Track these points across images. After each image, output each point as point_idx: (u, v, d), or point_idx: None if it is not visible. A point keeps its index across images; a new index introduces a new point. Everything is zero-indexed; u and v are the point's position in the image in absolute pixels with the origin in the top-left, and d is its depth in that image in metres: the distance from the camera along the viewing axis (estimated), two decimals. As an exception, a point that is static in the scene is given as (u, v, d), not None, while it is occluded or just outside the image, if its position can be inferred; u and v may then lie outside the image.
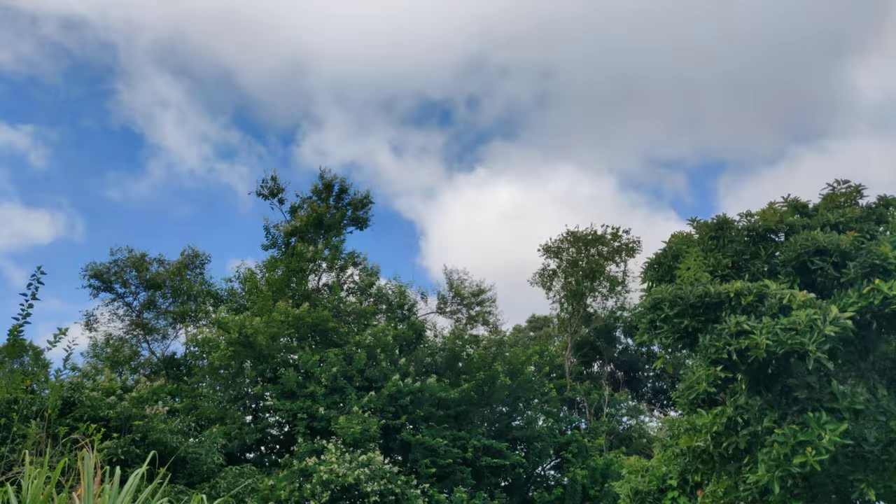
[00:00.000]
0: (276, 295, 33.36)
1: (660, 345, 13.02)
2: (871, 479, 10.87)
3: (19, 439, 13.02)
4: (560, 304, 41.33)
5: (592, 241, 40.25)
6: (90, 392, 20.05)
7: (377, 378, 30.07)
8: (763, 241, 13.79)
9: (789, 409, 11.20)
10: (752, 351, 10.57)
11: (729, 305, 11.56)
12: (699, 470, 13.22)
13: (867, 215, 13.74)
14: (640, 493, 14.55)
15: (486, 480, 30.97)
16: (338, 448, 25.22)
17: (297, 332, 31.35)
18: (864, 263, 11.82)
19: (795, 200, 14.53)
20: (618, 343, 43.92)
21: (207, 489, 21.06)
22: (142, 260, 36.80)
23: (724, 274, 13.34)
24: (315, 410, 28.13)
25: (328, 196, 37.94)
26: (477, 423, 32.11)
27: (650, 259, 14.68)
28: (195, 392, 31.61)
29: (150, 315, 37.78)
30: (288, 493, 23.61)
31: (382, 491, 24.12)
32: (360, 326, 33.96)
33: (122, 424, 19.28)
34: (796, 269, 12.60)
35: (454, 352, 33.35)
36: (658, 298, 11.97)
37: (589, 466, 31.83)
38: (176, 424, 21.30)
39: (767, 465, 10.64)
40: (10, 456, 11.66)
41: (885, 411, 11.34)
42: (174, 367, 36.84)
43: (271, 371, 30.26)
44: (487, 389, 31.72)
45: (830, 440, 10.21)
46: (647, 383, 46.48)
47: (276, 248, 37.43)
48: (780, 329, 10.54)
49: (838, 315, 10.69)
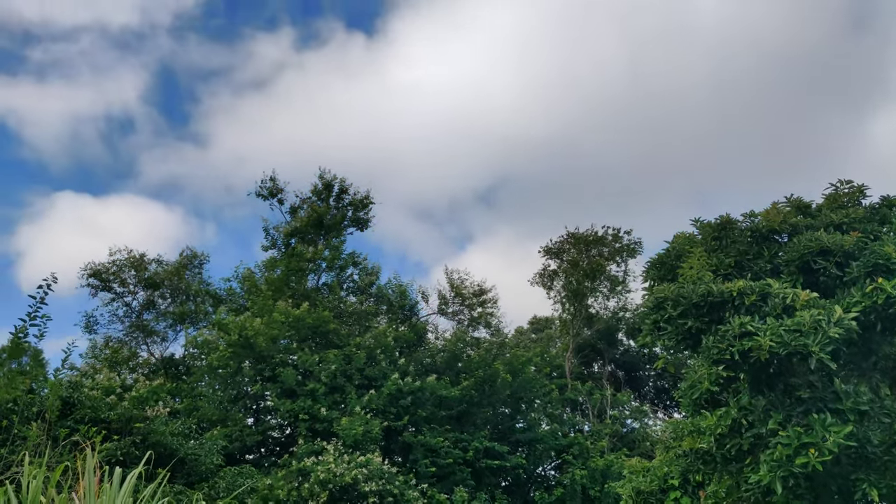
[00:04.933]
0: (275, 295, 33.29)
1: (663, 346, 12.97)
2: (873, 479, 10.80)
3: (19, 441, 12.94)
4: (561, 304, 41.26)
5: (593, 242, 40.17)
6: (89, 391, 19.97)
7: (377, 377, 30.00)
8: (766, 242, 13.75)
9: (793, 410, 11.14)
10: (755, 352, 10.51)
11: (732, 305, 11.51)
12: (701, 470, 13.17)
13: (870, 215, 13.73)
14: (642, 494, 14.50)
15: (486, 481, 30.89)
16: (337, 449, 25.16)
17: (297, 333, 31.28)
18: (867, 263, 11.79)
19: (798, 200, 14.50)
20: (619, 345, 43.82)
21: (206, 489, 20.98)
22: (141, 260, 36.74)
23: (727, 273, 13.29)
24: (317, 411, 28.06)
25: (328, 196, 37.86)
26: (479, 425, 32.03)
27: (652, 259, 14.64)
28: (194, 392, 31.52)
29: (149, 316, 37.73)
30: (286, 492, 23.55)
31: (381, 491, 24.04)
32: (362, 328, 33.89)
33: (123, 426, 19.20)
34: (800, 269, 12.56)
35: (455, 353, 33.27)
36: (661, 297, 11.91)
37: (589, 467, 31.76)
38: (177, 426, 21.21)
39: (769, 466, 10.58)
40: (10, 457, 11.59)
41: (888, 412, 11.28)
42: (173, 367, 36.78)
43: (270, 370, 30.20)
44: (488, 389, 31.64)
45: (835, 442, 10.15)
46: (649, 382, 46.38)
47: (276, 248, 37.41)
48: (784, 330, 10.49)
49: (842, 316, 10.64)
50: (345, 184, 37.95)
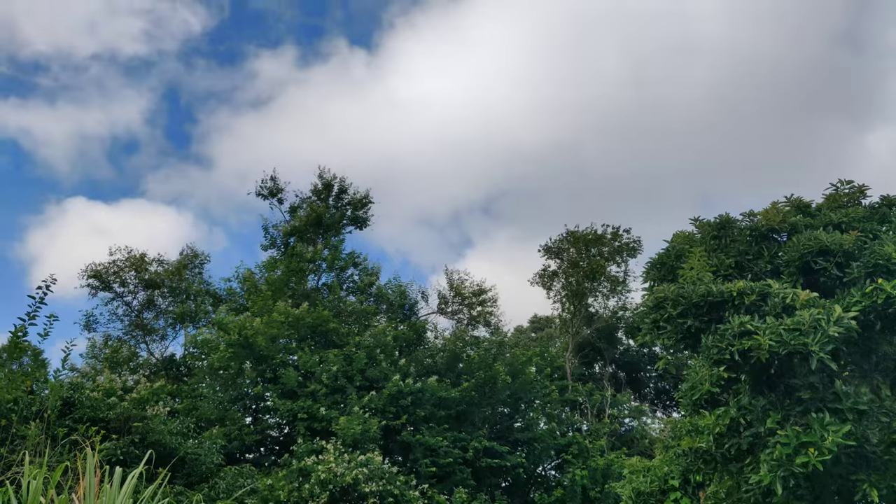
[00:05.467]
0: (275, 295, 33.28)
1: (662, 345, 12.97)
2: (874, 479, 10.80)
3: (19, 440, 12.93)
4: (561, 303, 41.24)
5: (593, 241, 40.15)
6: (90, 393, 19.95)
7: (378, 378, 29.99)
8: (766, 241, 13.74)
9: (792, 410, 11.13)
10: (755, 351, 10.51)
11: (732, 305, 11.50)
12: (701, 470, 13.16)
13: (870, 215, 13.71)
14: (643, 494, 14.49)
15: (486, 481, 30.88)
16: (336, 448, 25.13)
17: (297, 332, 31.27)
18: (867, 263, 11.77)
19: (798, 200, 14.48)
20: (619, 344, 43.79)
21: (206, 490, 20.96)
22: (141, 260, 36.72)
23: (728, 274, 13.28)
24: (316, 410, 28.06)
25: (327, 196, 37.84)
26: (478, 424, 32.01)
27: (653, 259, 14.63)
28: (195, 393, 31.51)
29: (149, 316, 37.72)
30: (287, 493, 23.53)
31: (381, 492, 24.02)
32: (361, 327, 33.87)
33: (122, 425, 19.17)
34: (800, 269, 12.55)
35: (455, 353, 33.25)
36: (661, 298, 11.91)
37: (589, 467, 31.73)
38: (176, 425, 21.19)
39: (770, 466, 10.57)
40: (10, 457, 11.59)
41: (888, 412, 11.27)
42: (173, 368, 36.75)
43: (271, 371, 30.19)
44: (488, 390, 31.63)
45: (833, 441, 10.14)
46: (650, 384, 46.34)
47: (276, 248, 37.39)
48: (784, 329, 10.48)
49: (842, 315, 10.63)
50: (344, 183, 38.00)
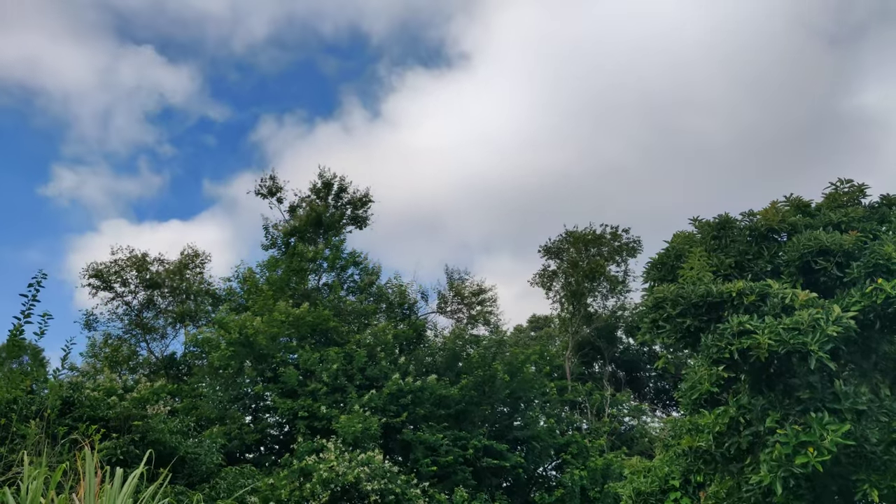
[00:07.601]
0: (276, 294, 33.29)
1: (662, 344, 12.99)
2: (874, 479, 10.80)
3: (18, 439, 12.93)
4: (560, 303, 41.24)
5: (592, 241, 40.14)
6: (90, 392, 19.94)
7: (378, 377, 30.01)
8: (766, 241, 13.74)
9: (791, 409, 11.14)
10: (754, 351, 10.51)
11: (731, 305, 11.51)
12: (701, 470, 13.17)
13: (870, 215, 13.70)
14: (643, 494, 14.49)
15: (486, 481, 30.88)
16: (337, 447, 25.14)
17: (297, 331, 31.28)
18: (867, 263, 11.77)
19: (798, 200, 14.48)
20: (619, 343, 43.79)
21: (207, 490, 20.94)
22: (142, 259, 36.72)
23: (727, 274, 13.28)
24: (316, 409, 28.07)
25: (327, 195, 37.83)
26: (478, 423, 32.03)
27: (653, 259, 14.63)
28: (195, 392, 31.51)
29: (149, 315, 37.71)
30: (288, 492, 23.52)
31: (383, 491, 24.02)
32: (361, 326, 33.89)
33: (122, 425, 19.15)
34: (799, 269, 12.55)
35: (454, 352, 33.27)
36: (660, 298, 11.91)
37: (588, 467, 31.73)
38: (175, 424, 21.17)
39: (769, 466, 10.58)
40: (10, 456, 11.59)
41: (887, 412, 11.27)
42: (174, 367, 36.75)
43: (271, 370, 30.19)
44: (488, 389, 31.64)
45: (832, 441, 10.14)
46: (649, 383, 46.34)
47: (276, 248, 37.38)
48: (783, 329, 10.48)
49: (841, 314, 10.62)
50: (344, 182, 37.96)
